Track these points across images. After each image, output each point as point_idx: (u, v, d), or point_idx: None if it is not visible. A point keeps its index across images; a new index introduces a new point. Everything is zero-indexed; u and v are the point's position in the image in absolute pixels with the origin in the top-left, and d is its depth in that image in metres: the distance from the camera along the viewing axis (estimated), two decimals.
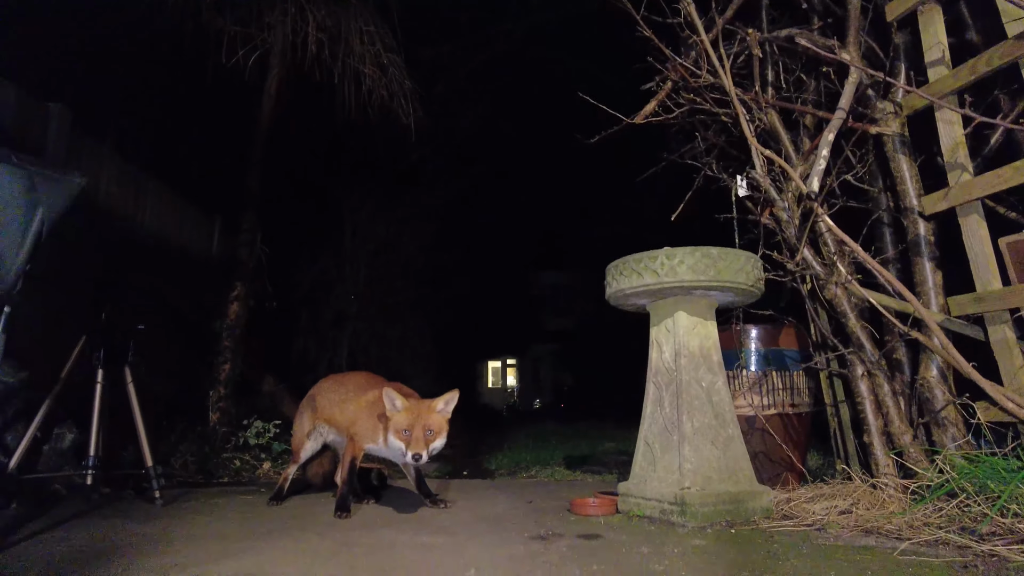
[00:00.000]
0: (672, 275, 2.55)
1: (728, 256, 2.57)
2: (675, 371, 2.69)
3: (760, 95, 2.74)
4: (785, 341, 3.35)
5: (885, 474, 2.33)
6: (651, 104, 3.05)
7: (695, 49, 2.92)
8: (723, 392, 2.71)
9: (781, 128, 2.74)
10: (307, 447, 3.20)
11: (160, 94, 4.88)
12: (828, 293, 2.49)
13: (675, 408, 2.65)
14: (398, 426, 2.58)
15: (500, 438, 8.03)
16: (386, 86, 4.96)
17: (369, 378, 3.22)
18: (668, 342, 2.75)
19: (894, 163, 2.39)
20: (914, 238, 2.35)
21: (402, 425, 2.57)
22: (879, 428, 2.41)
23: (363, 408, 2.92)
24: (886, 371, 2.42)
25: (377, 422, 2.80)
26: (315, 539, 2.20)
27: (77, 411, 3.19)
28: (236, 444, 4.58)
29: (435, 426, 2.62)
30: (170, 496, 3.15)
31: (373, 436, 2.81)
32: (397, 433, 2.58)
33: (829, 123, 2.19)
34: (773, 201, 2.59)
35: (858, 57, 2.39)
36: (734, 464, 2.62)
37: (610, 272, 2.80)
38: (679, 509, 2.42)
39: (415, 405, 2.64)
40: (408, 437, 2.55)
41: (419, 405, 2.65)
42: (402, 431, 2.57)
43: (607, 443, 6.89)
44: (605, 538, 2.21)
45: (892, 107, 2.39)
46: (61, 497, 3.08)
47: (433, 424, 2.61)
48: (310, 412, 3.21)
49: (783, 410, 3.30)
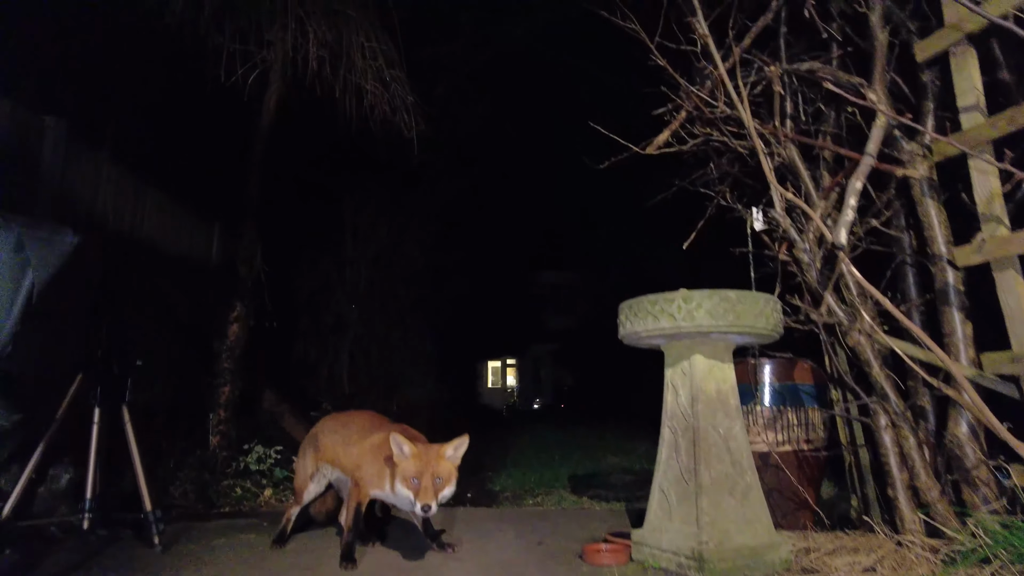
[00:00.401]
0: (689, 320, 2.46)
1: (747, 300, 2.47)
2: (692, 417, 2.60)
3: (779, 129, 2.64)
4: (800, 376, 3.27)
5: (911, 531, 2.25)
6: (664, 134, 2.95)
7: (711, 79, 2.81)
8: (740, 438, 2.62)
9: (800, 163, 2.64)
10: (310, 489, 3.10)
11: (158, 106, 4.76)
12: (851, 340, 2.40)
13: (692, 456, 2.57)
14: (406, 474, 2.49)
15: (503, 447, 7.96)
16: (388, 101, 4.85)
17: (373, 418, 3.13)
18: (684, 386, 2.66)
19: (921, 207, 2.29)
20: (942, 287, 2.26)
21: (410, 473, 2.48)
22: (904, 482, 2.32)
23: (368, 451, 2.83)
24: (911, 422, 2.34)
25: (383, 466, 2.71)
26: None
27: (73, 449, 3.10)
28: (236, 469, 4.49)
29: (444, 474, 2.52)
30: (170, 534, 3.05)
31: (379, 482, 2.72)
32: (405, 481, 2.48)
33: (856, 169, 2.10)
34: (793, 242, 2.50)
35: (885, 98, 2.29)
36: (752, 514, 2.54)
37: (623, 312, 2.71)
38: (697, 564, 2.34)
39: (423, 451, 2.54)
40: (417, 486, 2.45)
41: (428, 451, 2.55)
42: (410, 479, 2.47)
43: (610, 457, 6.83)
44: None
45: (920, 149, 2.29)
46: (57, 540, 2.99)
47: (442, 472, 2.52)
48: (313, 452, 3.11)
49: (798, 447, 3.22)
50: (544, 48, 9.31)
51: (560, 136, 11.25)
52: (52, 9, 4.35)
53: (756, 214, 2.96)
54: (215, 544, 3.06)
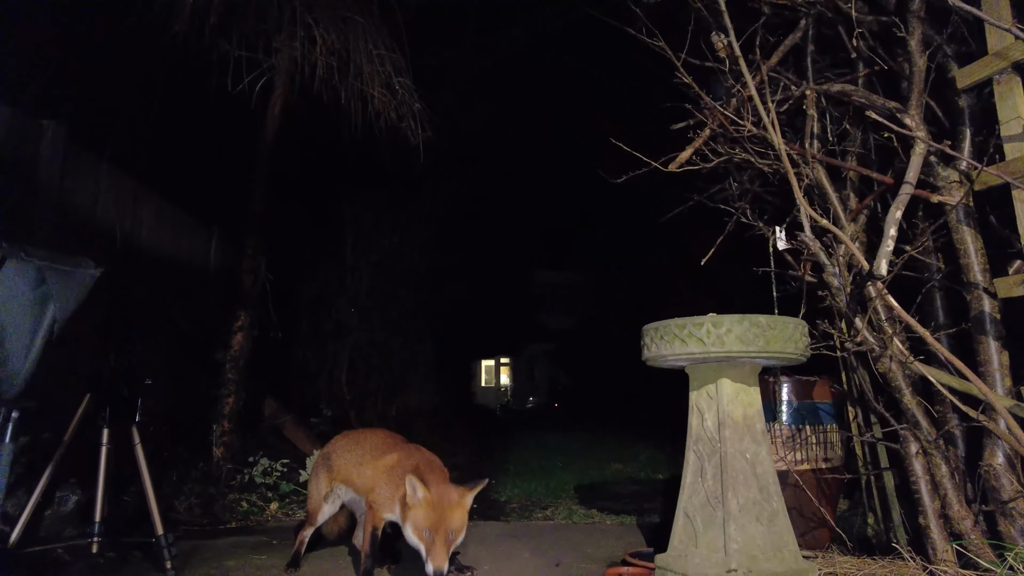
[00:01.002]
0: (719, 345, 2.42)
1: (777, 325, 2.44)
2: (718, 442, 2.57)
3: (807, 150, 2.60)
4: (819, 394, 3.24)
5: (944, 560, 2.22)
6: (687, 152, 2.91)
7: (737, 97, 2.77)
8: (767, 463, 2.59)
9: (829, 185, 2.61)
10: (324, 510, 3.03)
11: (161, 113, 4.67)
12: (881, 366, 2.37)
13: (718, 481, 2.53)
14: (417, 524, 2.34)
15: (503, 452, 7.92)
16: (395, 108, 4.78)
17: (387, 437, 3.06)
18: (710, 410, 2.63)
19: (957, 235, 2.27)
20: (977, 315, 2.23)
21: (422, 524, 2.33)
22: (936, 511, 2.30)
23: (381, 474, 2.76)
24: (943, 450, 2.31)
25: (396, 491, 2.63)
26: None
27: (81, 471, 3.03)
28: (241, 482, 4.42)
29: (458, 525, 2.39)
30: (180, 555, 2.97)
31: (392, 507, 2.65)
32: (416, 532, 2.34)
33: (896, 199, 2.06)
34: (823, 267, 2.46)
35: (921, 124, 2.25)
36: (779, 540, 2.50)
37: (648, 334, 2.67)
38: None
39: (439, 499, 2.38)
40: (430, 542, 2.29)
41: (443, 499, 2.38)
42: (423, 532, 2.32)
43: (613, 464, 6.81)
44: None
45: (956, 176, 2.26)
46: (65, 564, 2.92)
47: (456, 524, 2.37)
48: (326, 473, 3.04)
49: (816, 465, 3.19)
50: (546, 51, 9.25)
51: (560, 137, 11.22)
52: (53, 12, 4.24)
53: (779, 233, 2.93)
54: (227, 566, 3.00)
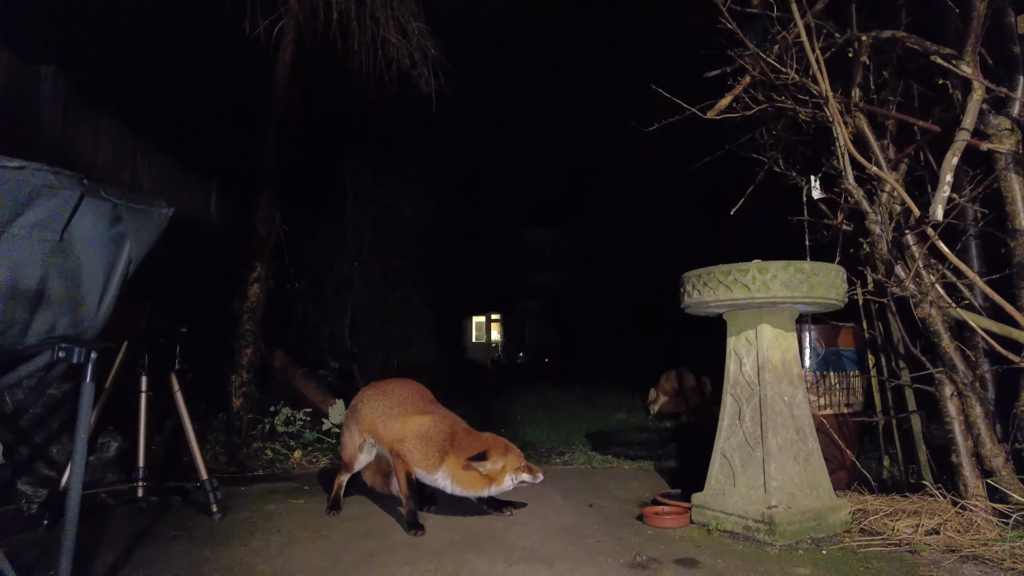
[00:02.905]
0: (764, 291, 2.47)
1: (820, 271, 2.49)
2: (757, 385, 2.65)
3: (852, 98, 2.61)
4: (843, 341, 3.33)
5: (975, 496, 2.34)
6: (727, 99, 2.90)
7: (779, 43, 2.75)
8: (803, 405, 2.68)
9: (871, 135, 2.62)
10: (360, 459, 3.07)
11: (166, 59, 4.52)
12: (921, 312, 2.44)
13: (757, 423, 2.62)
14: (516, 467, 2.80)
15: (510, 405, 8.03)
16: (409, 55, 4.67)
17: (414, 394, 3.06)
18: (750, 355, 2.70)
19: (1004, 182, 2.30)
20: (1021, 260, 2.29)
21: (518, 464, 2.81)
22: (968, 449, 2.41)
23: (413, 432, 2.82)
24: (979, 392, 2.41)
25: (432, 453, 2.77)
26: (415, 573, 2.14)
27: (122, 418, 3.04)
28: (263, 432, 4.47)
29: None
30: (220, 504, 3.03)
31: (427, 465, 2.77)
32: (518, 472, 2.80)
33: (952, 145, 2.09)
34: (865, 214, 2.50)
35: (978, 70, 2.27)
36: (814, 479, 2.62)
37: (690, 281, 2.71)
38: (767, 528, 2.42)
39: (504, 447, 2.83)
40: (525, 469, 2.81)
41: (504, 443, 2.86)
42: (520, 467, 2.81)
43: (618, 413, 6.96)
44: (704, 565, 2.18)
45: (1008, 123, 2.29)
46: (110, 508, 2.96)
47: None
48: (356, 424, 3.07)
49: (839, 410, 3.30)
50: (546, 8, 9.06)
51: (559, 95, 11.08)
52: None
53: (815, 182, 2.95)
54: (268, 511, 3.05)
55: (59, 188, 1.52)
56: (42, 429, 2.94)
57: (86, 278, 1.67)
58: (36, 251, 1.55)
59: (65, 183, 1.52)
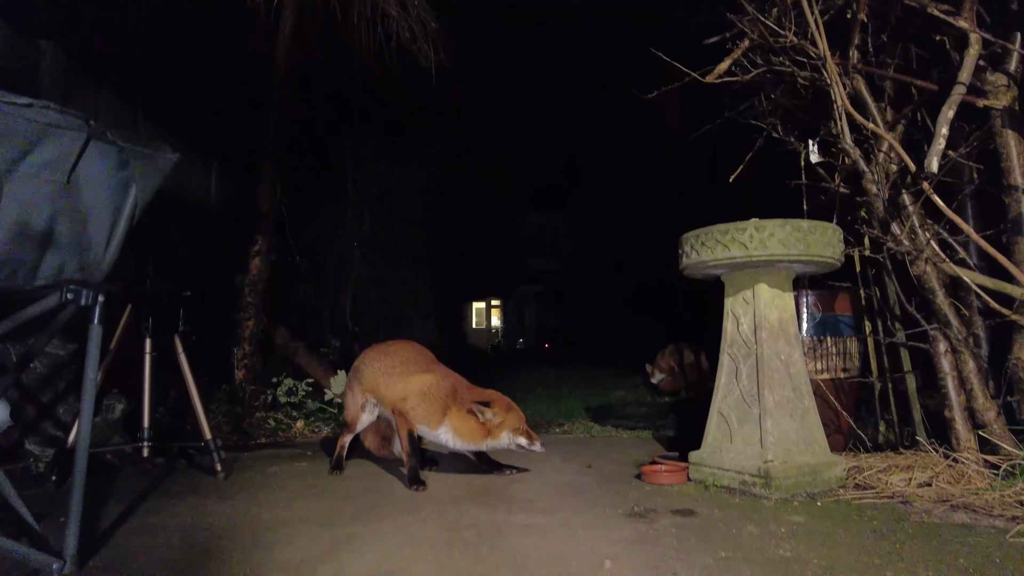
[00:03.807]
0: (762, 248, 2.50)
1: (817, 229, 2.52)
2: (754, 344, 2.68)
3: (849, 60, 2.62)
4: (840, 307, 3.36)
5: (967, 449, 2.38)
6: (726, 63, 2.91)
7: (778, 6, 2.77)
8: (800, 364, 2.72)
9: (869, 96, 2.64)
10: (363, 418, 3.13)
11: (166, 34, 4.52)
12: (916, 269, 2.47)
13: (754, 381, 2.66)
14: (514, 427, 2.83)
15: (510, 383, 8.08)
16: (409, 28, 4.67)
17: (416, 354, 3.12)
18: (747, 314, 2.73)
19: (1000, 139, 2.33)
20: (1016, 216, 2.32)
21: (515, 424, 2.84)
22: (961, 404, 2.44)
23: (416, 391, 2.87)
24: (972, 348, 2.44)
25: (435, 409, 2.82)
26: (414, 522, 2.18)
27: (126, 380, 3.08)
28: (265, 402, 4.51)
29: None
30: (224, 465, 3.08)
31: (429, 421, 2.83)
32: (515, 433, 2.83)
33: (948, 99, 2.11)
34: (862, 174, 2.53)
35: (975, 24, 2.28)
36: (810, 435, 2.66)
37: (688, 242, 2.74)
38: (763, 481, 2.46)
39: (506, 404, 2.87)
40: (523, 433, 2.84)
41: (507, 402, 2.89)
42: (518, 430, 2.84)
43: (617, 391, 7.01)
44: (701, 515, 2.23)
45: (1005, 79, 2.31)
46: (116, 468, 3.00)
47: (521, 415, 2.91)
48: (358, 385, 3.13)
49: (835, 375, 3.35)
50: None
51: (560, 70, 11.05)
52: None
53: (812, 146, 2.98)
54: (271, 472, 3.10)
55: (66, 128, 1.55)
56: (48, 389, 2.98)
57: (93, 221, 1.70)
58: (44, 192, 1.58)
59: (72, 123, 1.54)
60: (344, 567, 1.72)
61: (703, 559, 1.77)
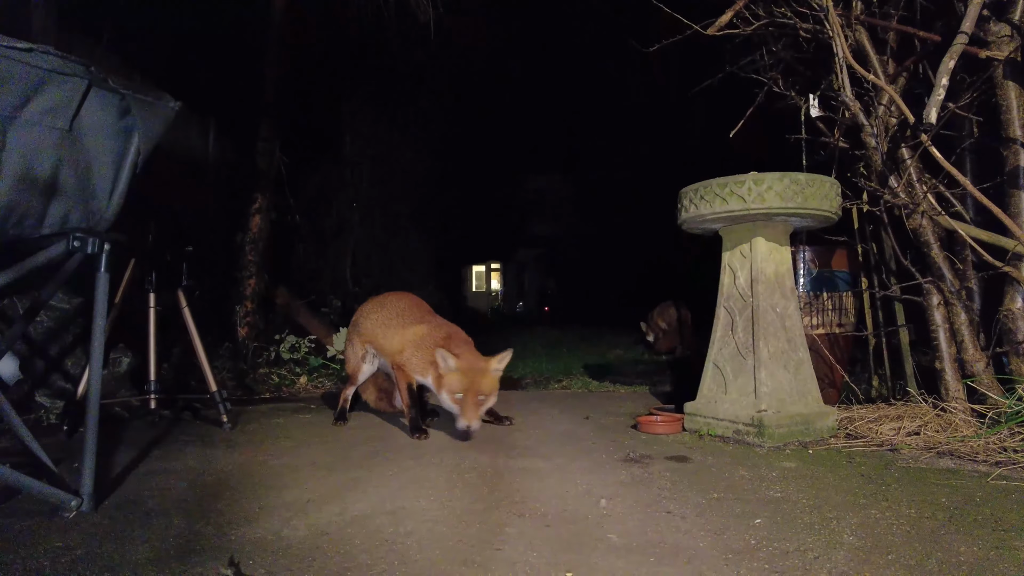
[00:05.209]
0: (760, 201, 2.51)
1: (815, 183, 2.53)
2: (750, 297, 2.72)
3: (852, 10, 2.60)
4: (838, 263, 3.39)
5: (955, 399, 2.43)
6: (728, 15, 2.88)
7: None
8: (795, 317, 2.76)
9: (871, 48, 2.62)
10: (364, 370, 3.21)
11: None
12: (913, 223, 2.49)
13: (749, 333, 2.70)
14: (452, 389, 2.59)
15: (507, 341, 8.16)
16: None
17: (413, 306, 3.17)
18: (743, 268, 2.76)
19: (1001, 90, 2.32)
20: (1013, 169, 2.33)
21: (455, 389, 2.58)
22: (951, 355, 2.49)
23: (411, 343, 2.89)
24: (964, 300, 2.48)
25: (427, 358, 2.77)
26: (417, 467, 2.25)
27: (132, 334, 3.12)
28: (268, 359, 4.57)
29: (488, 389, 2.64)
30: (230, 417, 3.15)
31: (423, 371, 2.81)
32: (450, 395, 2.59)
33: (950, 48, 2.10)
34: (862, 127, 2.53)
35: None
36: (804, 387, 2.71)
37: (687, 196, 2.75)
38: (756, 430, 2.53)
39: (469, 366, 2.62)
40: (462, 402, 2.57)
41: (473, 367, 2.63)
42: (455, 395, 2.58)
43: (615, 350, 7.10)
44: (694, 461, 2.29)
45: (1008, 29, 2.29)
46: (124, 420, 3.07)
47: (486, 388, 2.63)
48: (357, 337, 3.19)
49: (831, 329, 3.39)
50: None
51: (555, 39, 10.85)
52: None
53: (813, 101, 2.96)
54: (276, 423, 3.17)
55: (68, 74, 1.55)
56: (56, 343, 3.03)
57: (97, 170, 1.71)
58: (47, 139, 1.59)
59: (75, 69, 1.55)
60: (349, 506, 1.78)
61: (695, 499, 1.83)
